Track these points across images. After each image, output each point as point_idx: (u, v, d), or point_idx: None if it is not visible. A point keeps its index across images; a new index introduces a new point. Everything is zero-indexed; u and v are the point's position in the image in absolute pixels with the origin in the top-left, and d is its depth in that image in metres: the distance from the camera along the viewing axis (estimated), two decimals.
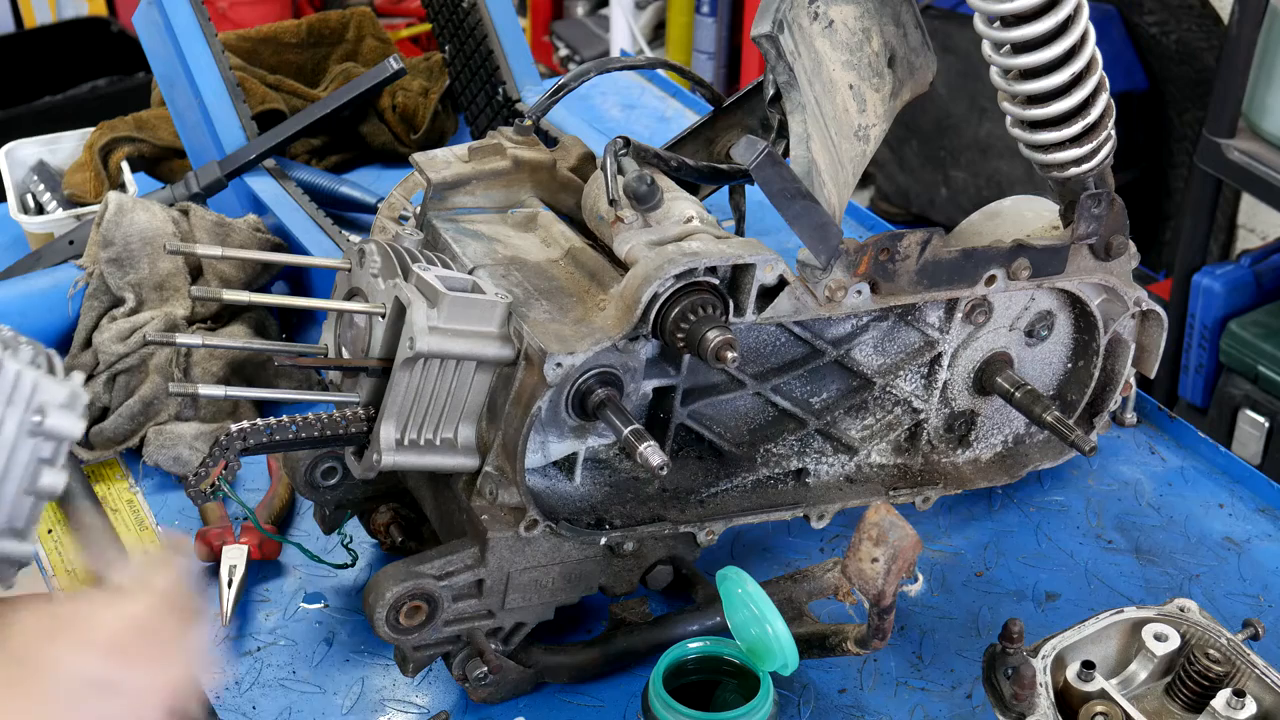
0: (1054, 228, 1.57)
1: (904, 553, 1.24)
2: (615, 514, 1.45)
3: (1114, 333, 1.65)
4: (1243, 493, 1.76)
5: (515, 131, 1.58)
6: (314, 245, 1.97)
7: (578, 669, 1.47)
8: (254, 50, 2.44)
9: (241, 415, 1.79)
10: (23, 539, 1.07)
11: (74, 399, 1.05)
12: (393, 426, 1.30)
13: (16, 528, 1.06)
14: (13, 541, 1.06)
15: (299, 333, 2.03)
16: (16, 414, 1.03)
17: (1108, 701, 1.27)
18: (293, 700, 1.47)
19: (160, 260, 1.86)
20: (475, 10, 2.31)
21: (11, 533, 1.06)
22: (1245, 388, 2.98)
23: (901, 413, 1.60)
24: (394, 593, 1.31)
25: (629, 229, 1.41)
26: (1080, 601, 1.59)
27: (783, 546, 1.67)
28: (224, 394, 1.25)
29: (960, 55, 3.81)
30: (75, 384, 1.06)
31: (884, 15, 1.55)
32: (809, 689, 1.49)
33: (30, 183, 2.30)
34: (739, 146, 1.35)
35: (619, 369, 1.36)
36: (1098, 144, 1.47)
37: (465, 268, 1.42)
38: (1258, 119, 2.89)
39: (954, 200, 4.17)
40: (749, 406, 1.52)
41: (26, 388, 1.02)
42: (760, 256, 1.36)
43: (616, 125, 2.56)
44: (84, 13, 4.93)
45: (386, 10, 5.12)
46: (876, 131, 1.57)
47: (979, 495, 1.74)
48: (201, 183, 2.10)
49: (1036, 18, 1.36)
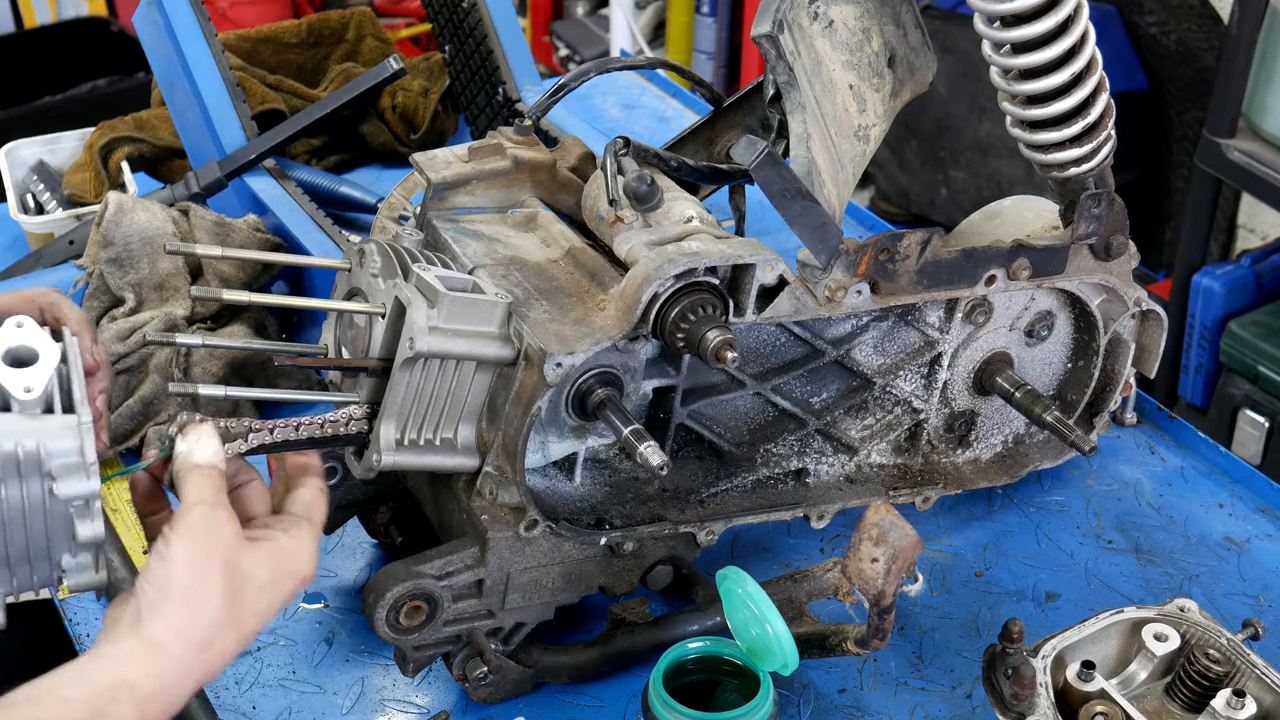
0: (1054, 228, 1.57)
1: (904, 553, 1.24)
2: (615, 514, 1.45)
3: (1114, 333, 1.65)
4: (1243, 493, 1.76)
5: (515, 131, 1.58)
6: (314, 245, 1.97)
7: (578, 669, 1.47)
8: (254, 50, 2.44)
9: (241, 415, 1.79)
10: (93, 571, 1.09)
11: (81, 450, 1.04)
12: (393, 426, 1.30)
13: (85, 564, 1.09)
14: (85, 576, 1.09)
15: (299, 333, 2.03)
16: (35, 481, 1.04)
17: (1108, 701, 1.27)
18: (293, 700, 1.47)
19: (160, 260, 1.86)
20: (475, 10, 2.31)
21: (82, 569, 1.09)
22: (1245, 388, 2.98)
23: (901, 413, 1.60)
24: (394, 593, 1.31)
25: (629, 229, 1.41)
26: (1080, 601, 1.59)
27: (783, 546, 1.67)
28: (224, 394, 1.24)
29: (960, 55, 3.81)
30: (81, 425, 1.05)
31: (884, 15, 1.55)
32: (809, 689, 1.49)
33: (30, 183, 2.30)
34: (739, 146, 1.35)
35: (619, 369, 1.36)
36: (1098, 144, 1.47)
37: (465, 268, 1.42)
38: (1258, 119, 2.89)
39: (954, 200, 4.17)
40: (749, 406, 1.52)
41: (33, 457, 1.03)
42: (760, 256, 1.36)
43: (616, 125, 2.56)
44: (84, 13, 4.94)
45: (386, 10, 5.12)
46: (876, 131, 1.57)
47: (979, 495, 1.74)
48: (201, 183, 2.10)
49: (1036, 18, 1.36)
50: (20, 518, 1.04)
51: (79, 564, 1.09)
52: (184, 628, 1.03)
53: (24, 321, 1.08)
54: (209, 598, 1.05)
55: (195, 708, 1.41)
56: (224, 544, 1.06)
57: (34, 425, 1.04)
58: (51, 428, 1.04)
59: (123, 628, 1.03)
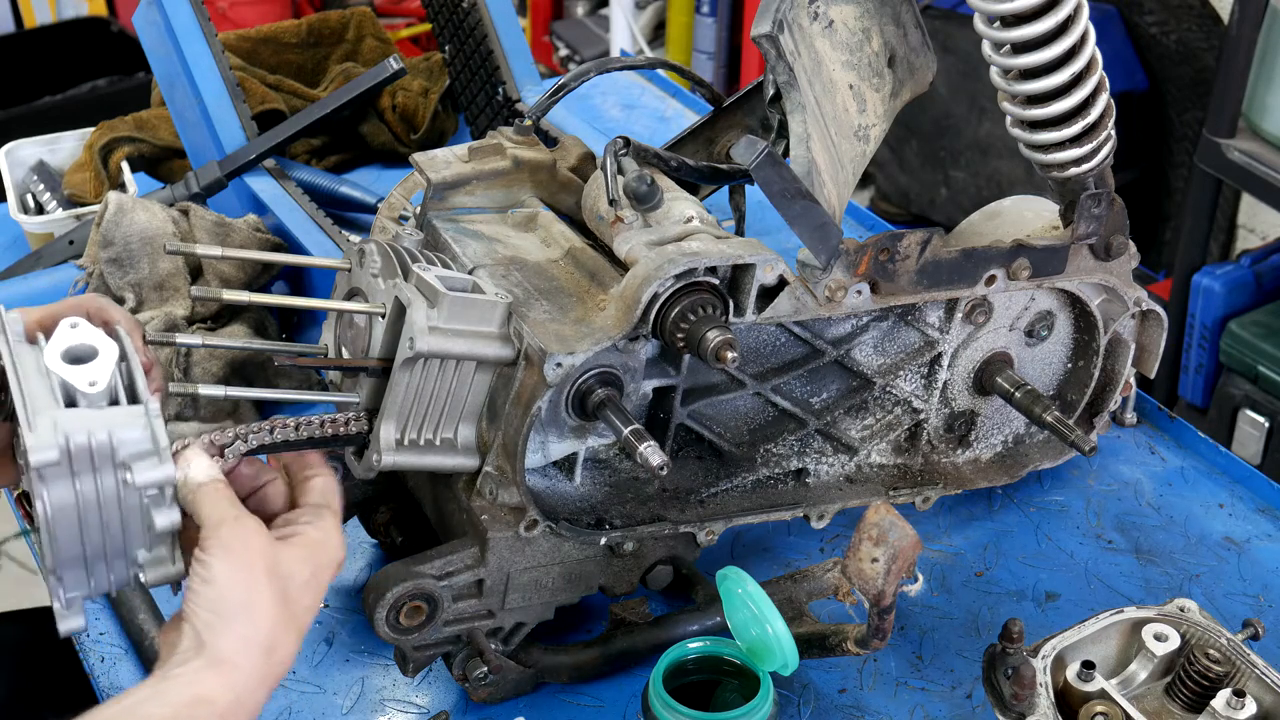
0: (1054, 228, 1.57)
1: (904, 553, 1.24)
2: (615, 514, 1.45)
3: (1114, 333, 1.65)
4: (1243, 493, 1.76)
5: (515, 131, 1.58)
6: (314, 245, 1.97)
7: (578, 669, 1.47)
8: (254, 50, 2.44)
9: (241, 415, 1.79)
10: (170, 563, 1.10)
11: (153, 438, 1.04)
12: (393, 426, 1.30)
13: (162, 556, 1.10)
14: (163, 569, 1.10)
15: (299, 333, 2.03)
16: (108, 473, 1.04)
17: (1108, 701, 1.27)
18: (293, 700, 1.47)
19: (160, 260, 1.86)
20: (475, 10, 2.31)
21: (158, 562, 1.10)
22: (1245, 388, 2.98)
23: (901, 413, 1.60)
24: (394, 593, 1.31)
25: (629, 229, 1.41)
26: (1080, 601, 1.59)
27: (783, 546, 1.67)
28: (224, 394, 1.25)
29: (960, 55, 3.81)
30: (150, 414, 1.05)
31: (884, 15, 1.55)
32: (809, 689, 1.49)
33: (30, 183, 2.30)
34: (739, 146, 1.35)
35: (619, 369, 1.36)
36: (1098, 144, 1.47)
37: (465, 268, 1.42)
38: (1258, 119, 2.89)
39: (954, 200, 4.17)
40: (749, 406, 1.52)
41: (105, 448, 1.03)
42: (760, 256, 1.36)
43: (616, 125, 2.56)
44: (84, 13, 4.94)
45: (386, 10, 5.12)
46: (876, 131, 1.57)
47: (979, 495, 1.74)
48: (201, 183, 2.10)
49: (1036, 18, 1.36)
50: (96, 513, 1.04)
51: (155, 557, 1.09)
52: (248, 640, 1.05)
53: (78, 322, 1.09)
54: (263, 607, 1.06)
55: None
56: (260, 553, 1.08)
57: (103, 417, 1.04)
58: (120, 417, 1.04)
59: (184, 651, 1.05)
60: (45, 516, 1.03)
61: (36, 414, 1.02)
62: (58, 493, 1.03)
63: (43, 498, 1.03)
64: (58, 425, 1.02)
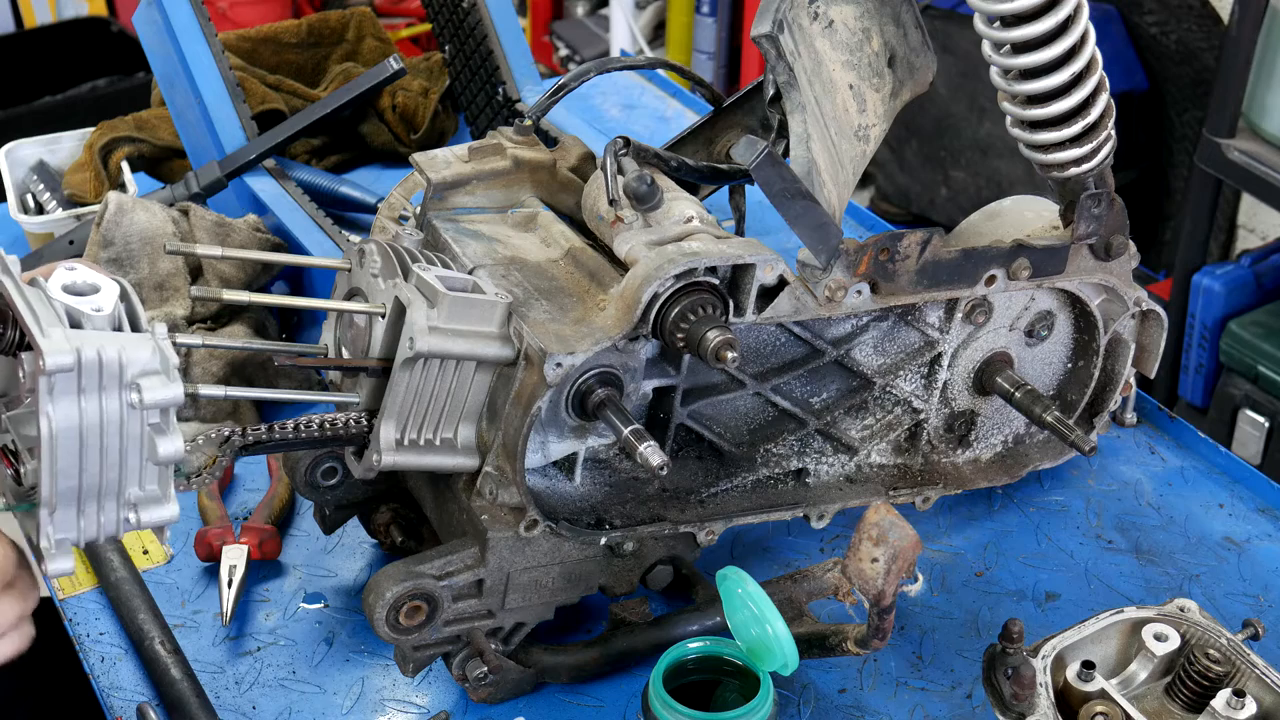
0: (1054, 228, 1.57)
1: (904, 553, 1.24)
2: (615, 514, 1.45)
3: (1114, 333, 1.65)
4: (1243, 493, 1.76)
5: (515, 131, 1.58)
6: (314, 245, 1.97)
7: (578, 669, 1.47)
8: (254, 50, 2.44)
9: (241, 415, 1.79)
10: (164, 503, 1.08)
11: (162, 360, 1.03)
12: (393, 426, 1.30)
13: (155, 495, 1.08)
14: (157, 509, 1.08)
15: (299, 333, 2.03)
16: (114, 394, 1.02)
17: (1108, 701, 1.27)
18: (293, 700, 1.47)
19: (160, 260, 1.86)
20: (475, 10, 2.31)
21: (152, 501, 1.08)
22: (1245, 388, 2.98)
23: (901, 413, 1.60)
24: (394, 593, 1.31)
25: (629, 229, 1.41)
26: (1080, 601, 1.60)
27: (783, 546, 1.67)
28: (224, 394, 1.24)
29: (960, 55, 3.81)
30: (158, 337, 1.03)
31: (884, 15, 1.55)
32: (809, 689, 1.49)
33: (30, 183, 2.30)
34: (739, 146, 1.35)
35: (619, 369, 1.37)
36: (1098, 144, 1.47)
37: (465, 268, 1.42)
38: (1258, 119, 2.89)
39: (954, 200, 4.17)
40: (749, 406, 1.52)
41: (114, 364, 1.01)
42: (760, 256, 1.36)
43: (616, 125, 2.56)
44: (84, 13, 4.94)
45: (386, 10, 5.12)
46: (876, 131, 1.57)
47: (979, 495, 1.74)
48: (201, 183, 2.10)
49: (1036, 18, 1.36)
50: (98, 437, 1.02)
51: (149, 496, 1.07)
52: None
53: (75, 265, 1.08)
54: None
55: (195, 708, 1.42)
56: None
57: (113, 337, 1.02)
58: (130, 339, 1.03)
59: None
60: (49, 436, 1.01)
61: (50, 325, 1.01)
62: (63, 410, 1.01)
63: (48, 414, 1.00)
64: (69, 338, 1.00)
